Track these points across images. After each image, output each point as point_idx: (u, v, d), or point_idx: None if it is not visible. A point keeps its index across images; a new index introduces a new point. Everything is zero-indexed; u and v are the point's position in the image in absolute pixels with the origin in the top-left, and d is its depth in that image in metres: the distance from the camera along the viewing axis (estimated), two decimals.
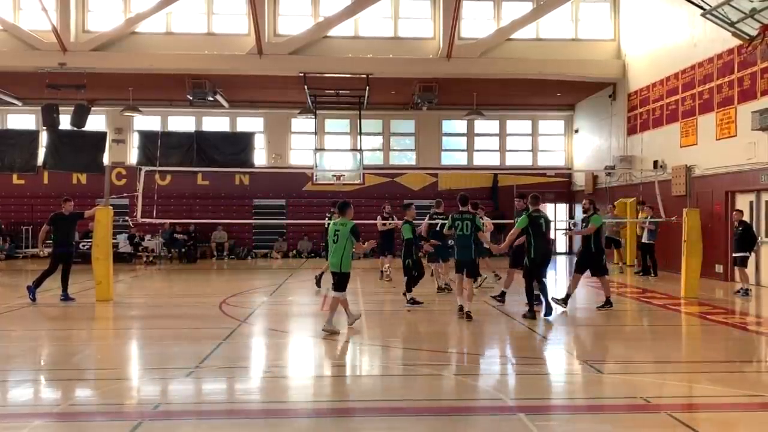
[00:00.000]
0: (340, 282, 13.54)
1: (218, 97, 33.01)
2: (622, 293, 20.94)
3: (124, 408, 8.58)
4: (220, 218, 34.27)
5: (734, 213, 20.83)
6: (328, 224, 15.22)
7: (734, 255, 20.43)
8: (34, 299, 17.56)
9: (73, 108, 30.14)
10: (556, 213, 39.03)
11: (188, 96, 31.60)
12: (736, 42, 21.87)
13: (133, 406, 8.76)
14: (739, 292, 19.65)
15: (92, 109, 32.15)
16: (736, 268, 20.58)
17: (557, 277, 25.54)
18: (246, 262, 31.62)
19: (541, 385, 10.15)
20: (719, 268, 23.21)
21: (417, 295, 17.36)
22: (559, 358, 11.94)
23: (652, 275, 24.88)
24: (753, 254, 20.74)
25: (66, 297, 17.90)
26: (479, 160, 39.00)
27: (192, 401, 9.06)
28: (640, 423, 8.02)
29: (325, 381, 10.26)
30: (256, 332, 14.11)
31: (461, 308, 15.39)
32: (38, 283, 17.83)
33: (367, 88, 31.53)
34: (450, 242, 17.28)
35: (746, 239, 19.85)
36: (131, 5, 31.30)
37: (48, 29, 29.10)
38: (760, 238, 21.68)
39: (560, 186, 38.38)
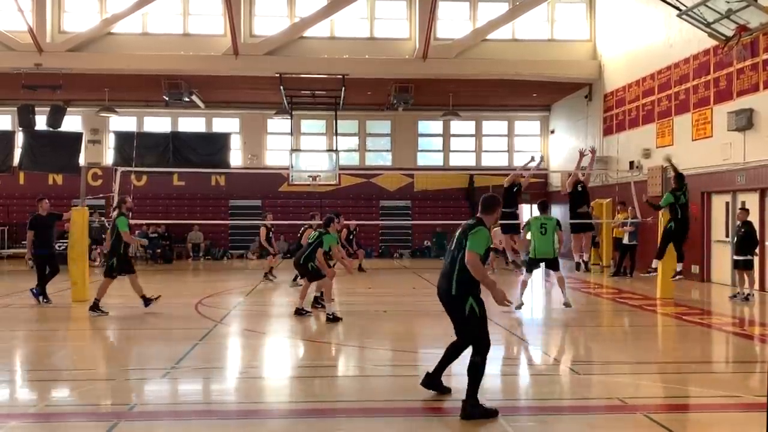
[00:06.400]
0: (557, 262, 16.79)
1: (194, 98, 32.86)
2: (599, 294, 21.05)
3: (100, 409, 8.54)
4: (197, 219, 34.18)
5: (738, 212, 19.59)
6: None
7: (735, 258, 19.09)
8: (47, 300, 17.50)
9: (49, 108, 29.91)
10: (532, 213, 39.13)
11: (164, 96, 31.45)
12: (712, 43, 22.01)
13: (109, 406, 8.73)
14: (735, 297, 18.51)
15: (68, 109, 31.89)
16: (736, 271, 19.45)
17: None
18: (222, 263, 31.46)
19: (517, 386, 10.19)
20: (695, 269, 23.31)
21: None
22: (535, 359, 11.97)
23: (629, 276, 24.94)
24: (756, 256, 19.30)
25: (44, 295, 17.73)
26: (455, 160, 39.08)
27: (168, 402, 9.04)
28: (616, 424, 8.05)
29: (300, 382, 10.24)
30: (232, 333, 14.07)
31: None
32: (41, 288, 17.67)
33: (343, 88, 31.45)
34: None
35: (748, 240, 18.53)
36: (107, 6, 31.06)
37: (24, 30, 28.81)
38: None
39: (536, 187, 38.37)
